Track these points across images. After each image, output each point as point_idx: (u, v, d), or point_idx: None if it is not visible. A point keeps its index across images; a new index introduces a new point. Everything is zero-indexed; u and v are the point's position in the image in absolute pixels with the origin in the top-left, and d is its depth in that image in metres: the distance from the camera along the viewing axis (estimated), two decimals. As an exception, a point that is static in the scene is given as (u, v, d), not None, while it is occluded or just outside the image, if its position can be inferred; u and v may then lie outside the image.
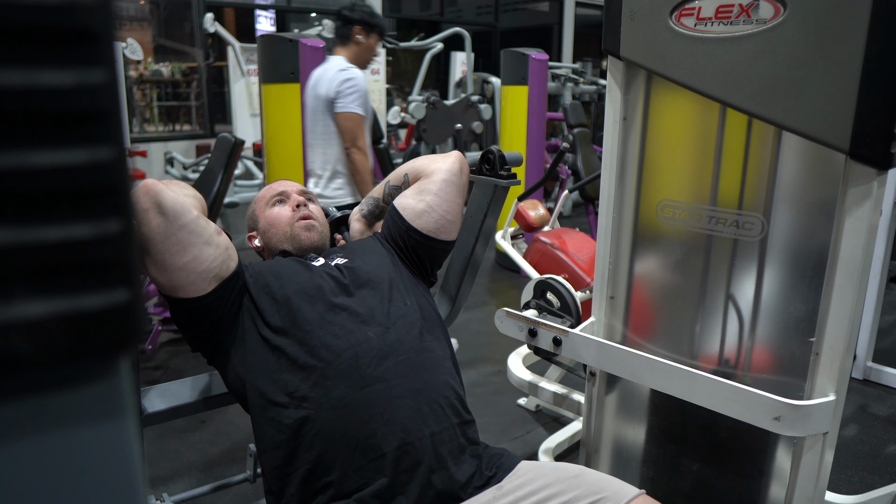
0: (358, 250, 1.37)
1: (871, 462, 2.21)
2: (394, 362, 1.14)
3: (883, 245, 2.61)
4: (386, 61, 8.08)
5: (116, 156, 0.26)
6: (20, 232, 0.25)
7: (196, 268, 1.11)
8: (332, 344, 1.14)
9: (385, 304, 1.23)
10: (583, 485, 1.08)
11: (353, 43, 2.65)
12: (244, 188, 5.83)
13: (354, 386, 1.10)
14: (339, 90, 2.52)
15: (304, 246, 1.38)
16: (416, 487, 1.05)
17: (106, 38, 0.26)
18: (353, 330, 1.16)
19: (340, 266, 1.30)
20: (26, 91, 0.24)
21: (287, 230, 1.38)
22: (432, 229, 1.37)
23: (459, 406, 1.18)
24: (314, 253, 1.39)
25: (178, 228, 1.08)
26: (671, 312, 1.46)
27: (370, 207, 1.51)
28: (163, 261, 1.08)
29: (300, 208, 1.41)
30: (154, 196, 1.06)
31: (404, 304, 1.26)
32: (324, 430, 1.08)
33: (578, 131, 5.03)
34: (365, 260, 1.32)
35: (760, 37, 1.16)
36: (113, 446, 0.29)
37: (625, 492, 1.07)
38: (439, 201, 1.37)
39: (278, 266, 1.27)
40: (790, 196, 1.24)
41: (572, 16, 11.51)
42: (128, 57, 5.34)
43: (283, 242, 1.38)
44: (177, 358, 3.00)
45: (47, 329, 0.25)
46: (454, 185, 1.39)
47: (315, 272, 1.26)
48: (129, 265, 0.27)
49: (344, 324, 1.17)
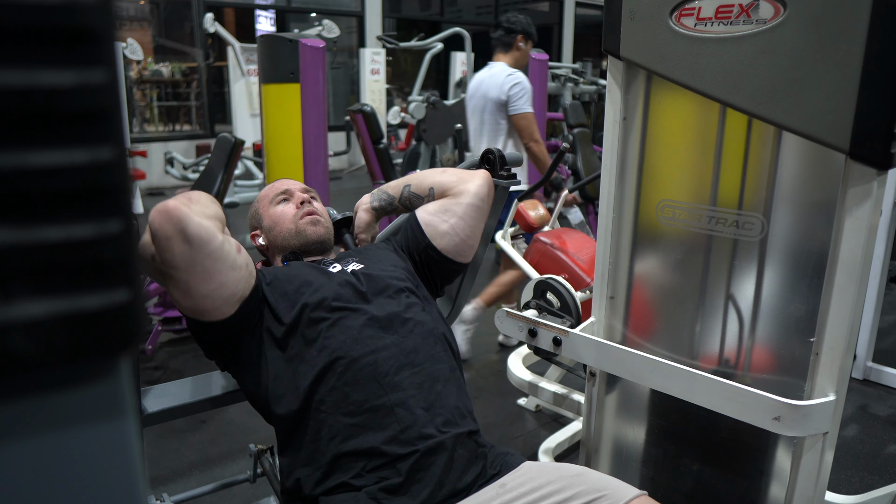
0: (374, 257, 1.36)
1: (871, 462, 2.21)
2: (410, 372, 1.14)
3: (883, 245, 2.61)
4: (386, 61, 8.10)
5: (117, 156, 0.26)
6: (21, 232, 0.25)
7: (222, 294, 1.09)
8: (351, 350, 1.13)
9: (402, 311, 1.23)
10: (584, 483, 1.09)
11: (514, 49, 3.10)
12: (244, 188, 5.83)
13: (373, 394, 1.10)
14: (510, 94, 2.96)
15: (310, 240, 1.37)
16: (428, 490, 1.06)
17: (106, 38, 0.26)
18: (372, 336, 1.16)
19: (357, 272, 1.29)
20: (27, 91, 0.24)
21: (292, 227, 1.37)
22: (451, 251, 1.37)
23: (468, 415, 1.19)
24: (319, 247, 1.39)
25: (204, 257, 1.05)
26: (671, 312, 1.45)
27: (382, 203, 1.48)
28: (187, 287, 1.06)
29: (304, 205, 1.41)
30: (178, 223, 1.02)
31: (420, 311, 1.25)
32: (340, 435, 1.09)
33: (578, 131, 5.02)
34: (381, 267, 1.31)
35: (760, 37, 1.16)
36: (113, 446, 0.29)
37: (625, 491, 1.07)
38: (463, 225, 1.37)
39: (294, 271, 1.26)
40: (790, 196, 1.24)
41: (572, 16, 11.52)
42: (128, 57, 5.35)
43: (290, 238, 1.37)
44: (177, 358, 3.00)
45: (47, 329, 0.25)
46: (480, 209, 1.39)
47: (333, 278, 1.25)
48: (129, 265, 0.27)
49: (363, 329, 1.16)
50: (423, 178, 1.46)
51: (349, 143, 8.22)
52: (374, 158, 4.01)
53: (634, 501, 1.06)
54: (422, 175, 1.47)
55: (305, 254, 1.38)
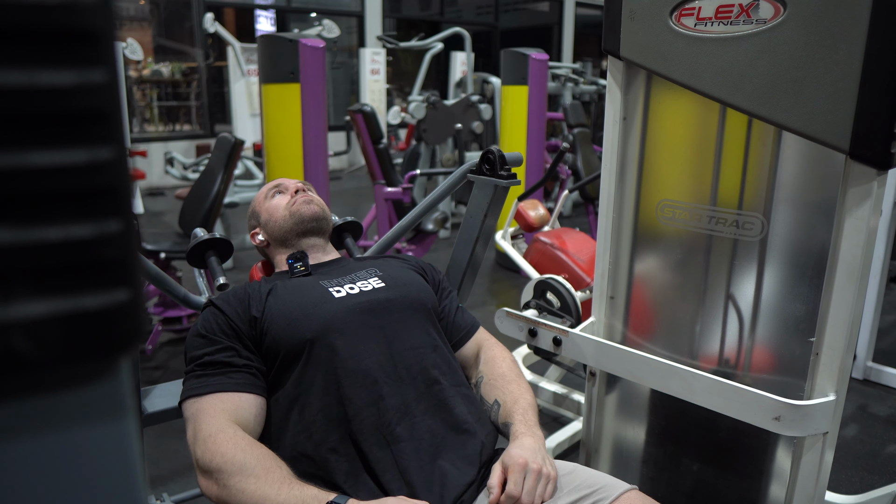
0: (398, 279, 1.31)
1: (871, 462, 2.21)
2: (410, 424, 1.12)
3: (883, 245, 2.61)
4: (386, 61, 8.10)
5: (117, 156, 0.26)
6: (21, 232, 0.25)
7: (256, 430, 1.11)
8: (354, 398, 1.11)
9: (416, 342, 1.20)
10: (576, 480, 1.09)
11: None
12: (244, 188, 5.83)
13: (377, 445, 1.09)
14: None
15: (305, 217, 1.36)
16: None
17: (106, 38, 0.26)
18: (377, 381, 1.13)
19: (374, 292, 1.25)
20: (27, 91, 0.24)
21: (286, 212, 1.37)
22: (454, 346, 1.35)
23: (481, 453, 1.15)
24: (315, 225, 1.37)
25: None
26: (671, 312, 1.45)
27: None
28: None
29: (298, 193, 1.41)
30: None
31: (433, 349, 1.22)
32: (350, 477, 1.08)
33: (578, 131, 5.03)
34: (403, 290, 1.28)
35: (760, 37, 1.16)
36: (113, 446, 0.29)
37: (616, 486, 1.08)
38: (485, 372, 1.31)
39: (292, 305, 1.19)
40: (790, 196, 1.24)
41: (572, 16, 11.52)
42: (128, 57, 5.35)
43: (285, 223, 1.36)
44: (177, 358, 3.00)
45: (48, 329, 0.25)
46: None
47: (337, 302, 1.21)
48: (129, 265, 0.27)
49: (367, 374, 1.13)
50: (500, 387, 1.28)
51: (349, 143, 8.22)
52: (374, 158, 4.01)
53: (626, 496, 1.06)
54: (500, 385, 1.29)
55: (304, 234, 1.36)
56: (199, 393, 1.08)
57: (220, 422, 1.04)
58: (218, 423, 1.04)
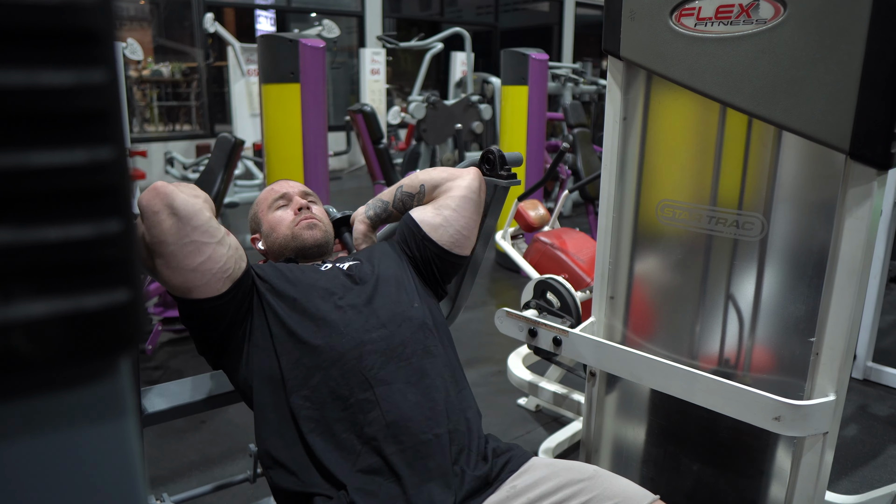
0: (368, 254, 1.38)
1: (871, 462, 2.21)
2: (396, 366, 1.15)
3: (883, 245, 2.61)
4: (386, 61, 8.10)
5: (117, 156, 0.26)
6: (21, 232, 0.25)
7: (211, 268, 1.11)
8: (337, 344, 1.14)
9: (391, 304, 1.23)
10: (597, 487, 1.07)
11: None
12: (244, 188, 5.83)
13: (358, 387, 1.11)
14: None
15: (307, 244, 1.37)
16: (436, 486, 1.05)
17: (106, 38, 0.26)
18: (359, 329, 1.17)
19: (350, 266, 1.31)
20: (27, 91, 0.24)
21: (289, 233, 1.38)
22: (448, 243, 1.38)
23: (464, 410, 1.17)
24: (317, 251, 1.39)
25: (192, 230, 1.08)
26: (671, 312, 1.45)
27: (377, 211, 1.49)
28: (176, 263, 1.08)
29: (302, 211, 1.41)
30: (166, 198, 1.06)
31: (412, 305, 1.26)
32: (326, 432, 1.09)
33: (578, 131, 5.02)
34: (375, 262, 1.33)
35: (760, 37, 1.16)
36: (113, 446, 0.29)
37: (638, 498, 1.06)
38: (457, 216, 1.38)
39: (285, 267, 1.28)
40: (790, 196, 1.24)
41: (572, 16, 11.51)
42: (128, 57, 5.34)
43: (287, 244, 1.38)
44: (177, 358, 3.00)
45: (48, 329, 0.25)
46: (472, 201, 1.40)
47: (322, 274, 1.27)
48: (129, 265, 0.27)
49: (350, 323, 1.17)
50: (414, 177, 1.48)
51: (349, 143, 8.22)
52: (374, 158, 4.01)
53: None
54: (413, 175, 1.49)
55: (303, 258, 1.39)
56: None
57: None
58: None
